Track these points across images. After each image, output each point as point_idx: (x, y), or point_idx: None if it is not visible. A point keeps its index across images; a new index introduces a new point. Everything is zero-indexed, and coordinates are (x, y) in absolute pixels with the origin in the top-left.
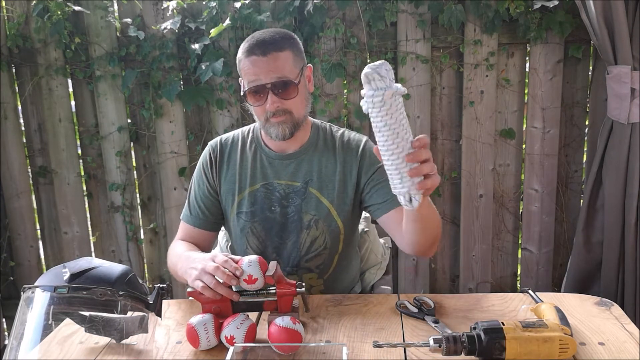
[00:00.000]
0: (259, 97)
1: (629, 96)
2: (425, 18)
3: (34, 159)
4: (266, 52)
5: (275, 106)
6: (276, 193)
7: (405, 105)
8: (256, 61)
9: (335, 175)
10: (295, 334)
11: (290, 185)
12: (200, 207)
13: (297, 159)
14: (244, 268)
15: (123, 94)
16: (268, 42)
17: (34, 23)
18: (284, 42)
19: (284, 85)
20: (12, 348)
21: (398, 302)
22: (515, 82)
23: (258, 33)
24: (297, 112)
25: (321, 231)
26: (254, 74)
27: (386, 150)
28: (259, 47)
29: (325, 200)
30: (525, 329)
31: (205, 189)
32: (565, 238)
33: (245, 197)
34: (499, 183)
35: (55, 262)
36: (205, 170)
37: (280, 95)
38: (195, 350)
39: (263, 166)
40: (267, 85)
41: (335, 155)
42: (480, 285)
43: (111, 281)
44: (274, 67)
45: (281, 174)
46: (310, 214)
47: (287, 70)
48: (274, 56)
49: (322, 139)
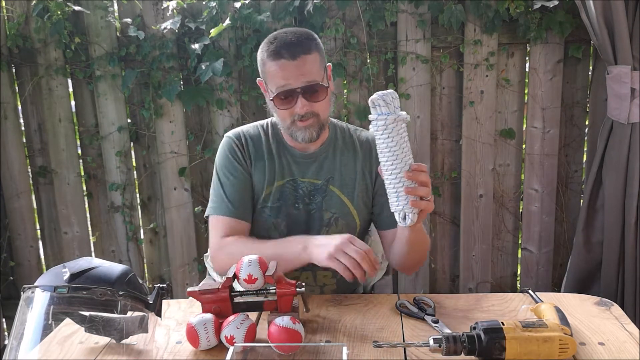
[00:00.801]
0: (288, 101)
1: (629, 96)
2: (425, 18)
3: (34, 159)
4: (295, 56)
5: (305, 110)
6: (300, 190)
7: (405, 106)
8: (285, 65)
9: (355, 174)
10: (295, 334)
11: (312, 183)
12: (243, 199)
13: (319, 157)
14: (244, 268)
15: (123, 94)
16: (295, 44)
17: (34, 23)
18: (310, 43)
19: (314, 89)
20: (12, 348)
21: (398, 302)
22: (515, 82)
23: (281, 34)
24: (323, 115)
25: (340, 229)
26: (283, 78)
27: (386, 170)
28: (286, 50)
29: (346, 198)
30: (525, 329)
31: (242, 178)
32: (565, 238)
33: (272, 191)
34: (499, 183)
35: (55, 262)
36: (237, 159)
37: (310, 98)
38: (195, 350)
39: (288, 162)
40: (297, 89)
41: (355, 154)
42: (480, 285)
43: (111, 281)
44: (303, 71)
45: (305, 172)
46: (331, 212)
47: (315, 72)
48: (303, 59)
49: (341, 138)
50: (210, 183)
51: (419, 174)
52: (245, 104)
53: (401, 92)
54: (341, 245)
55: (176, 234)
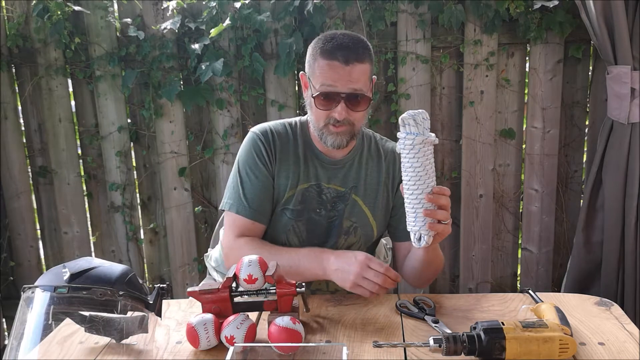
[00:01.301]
0: (328, 103)
1: (629, 96)
2: (425, 18)
3: (34, 159)
4: (348, 61)
5: (343, 116)
6: (324, 196)
7: (406, 106)
8: (336, 67)
9: (378, 185)
10: (295, 334)
11: (337, 190)
12: (261, 200)
13: (346, 165)
14: (244, 268)
15: (123, 94)
16: (352, 49)
17: (34, 23)
18: (365, 53)
19: (357, 98)
20: (12, 348)
21: (398, 302)
22: (515, 82)
23: (339, 35)
24: (357, 125)
25: (358, 238)
26: (331, 79)
27: (407, 189)
28: (341, 52)
29: (367, 208)
30: (525, 329)
31: (265, 179)
32: (565, 238)
33: (295, 194)
34: (499, 183)
35: (55, 262)
36: (262, 158)
37: (351, 106)
38: (195, 350)
39: (314, 166)
40: (342, 94)
41: (380, 164)
42: (480, 285)
43: (111, 281)
44: (353, 78)
45: (331, 178)
46: (351, 221)
47: (363, 82)
48: (355, 67)
49: (367, 146)
50: (210, 183)
51: (440, 198)
52: (245, 104)
53: (401, 92)
54: (361, 271)
55: (176, 234)
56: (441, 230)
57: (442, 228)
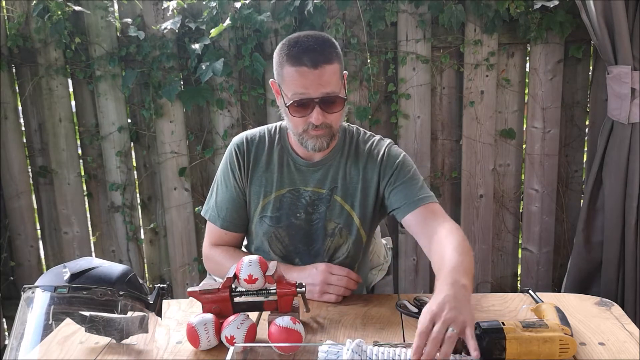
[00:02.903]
0: (303, 110)
1: (629, 96)
2: (426, 18)
3: (34, 159)
4: (316, 65)
5: (320, 120)
6: (302, 200)
7: (406, 106)
8: (305, 73)
9: (358, 184)
10: (295, 334)
11: (316, 192)
12: (229, 210)
13: (325, 166)
14: (244, 268)
15: (123, 94)
16: (318, 51)
17: (34, 23)
18: (332, 52)
19: (332, 100)
20: (12, 348)
21: (398, 302)
22: (516, 82)
23: (302, 38)
24: (335, 125)
25: (344, 239)
26: (302, 86)
27: None
28: (308, 57)
29: (349, 207)
30: (525, 329)
31: (233, 190)
32: (566, 238)
33: (271, 201)
34: (499, 183)
35: (55, 262)
36: (234, 170)
37: (326, 109)
38: (195, 350)
39: (290, 171)
40: (315, 99)
41: (359, 163)
42: (480, 285)
43: (111, 281)
44: (323, 81)
45: (308, 181)
46: (335, 222)
47: (334, 83)
48: (324, 69)
49: (348, 145)
50: (210, 183)
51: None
52: (245, 104)
53: (401, 92)
54: (325, 279)
55: (176, 234)
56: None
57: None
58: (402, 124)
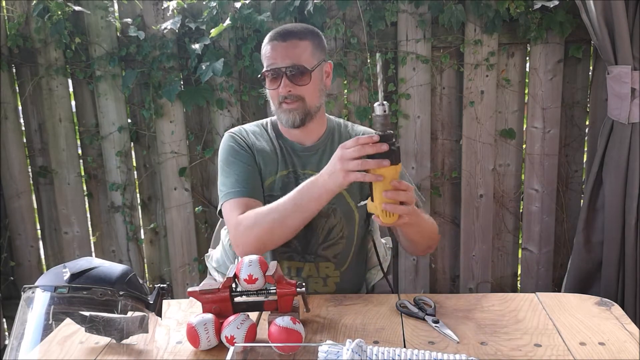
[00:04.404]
0: (274, 81)
1: (629, 96)
2: (426, 18)
3: (34, 159)
4: (286, 39)
5: (287, 90)
6: (300, 181)
7: (406, 105)
8: (276, 46)
9: None
10: (295, 334)
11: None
12: (250, 180)
13: (319, 150)
14: (244, 268)
15: (123, 94)
16: (290, 30)
17: (34, 23)
18: (305, 33)
19: (298, 71)
20: (12, 348)
21: (398, 302)
22: (516, 82)
23: (286, 24)
24: (309, 101)
25: (339, 220)
26: (272, 57)
27: None
28: (281, 34)
29: (344, 190)
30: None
31: (248, 161)
32: (566, 238)
33: (276, 180)
34: (499, 183)
35: (55, 262)
36: (243, 148)
37: (294, 80)
38: (195, 350)
39: (289, 154)
40: (281, 68)
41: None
42: (480, 285)
43: (111, 281)
44: (291, 54)
45: (306, 164)
46: (329, 204)
47: (304, 59)
48: (293, 43)
49: (338, 132)
50: (210, 183)
51: (399, 194)
52: (245, 104)
53: (401, 92)
54: (341, 157)
55: (176, 234)
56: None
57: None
58: (402, 123)
